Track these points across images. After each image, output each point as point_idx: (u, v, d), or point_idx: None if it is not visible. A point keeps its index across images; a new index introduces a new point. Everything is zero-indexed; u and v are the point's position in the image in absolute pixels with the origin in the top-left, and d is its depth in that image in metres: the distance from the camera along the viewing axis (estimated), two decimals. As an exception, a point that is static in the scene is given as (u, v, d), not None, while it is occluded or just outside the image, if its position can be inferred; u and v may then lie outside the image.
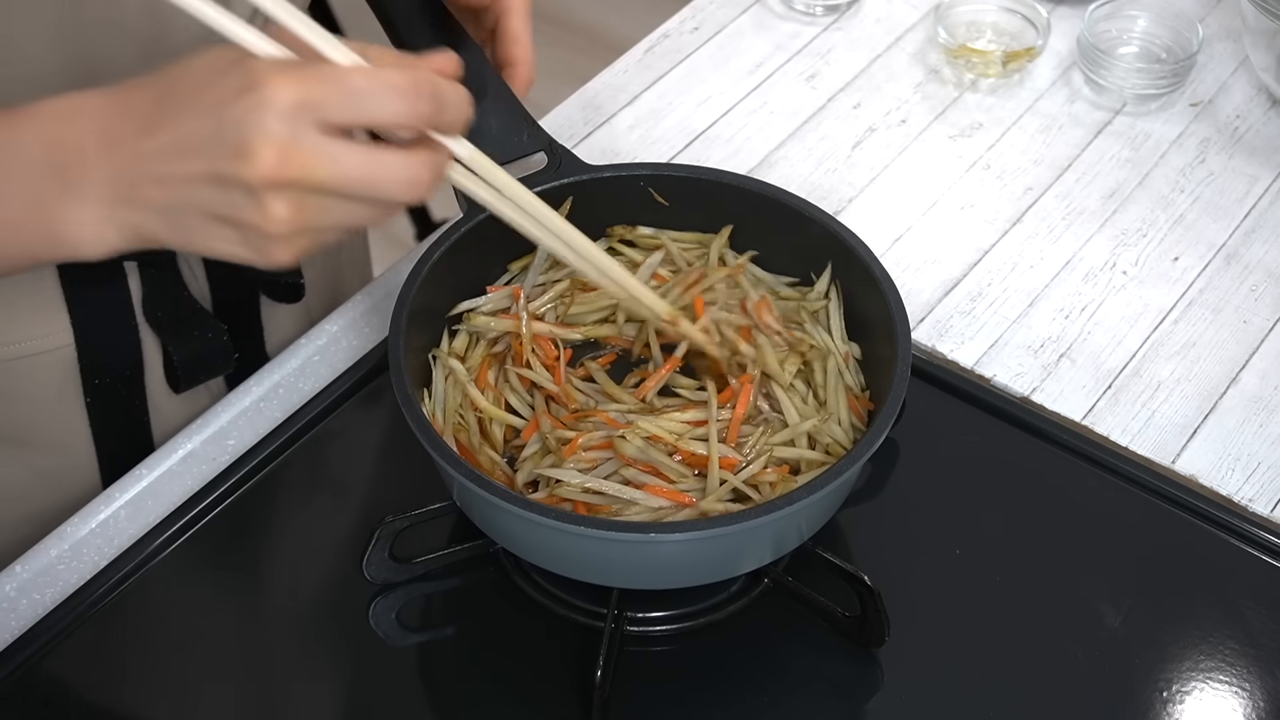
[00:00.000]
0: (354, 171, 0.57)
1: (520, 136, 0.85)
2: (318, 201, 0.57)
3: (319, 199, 0.57)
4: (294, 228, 0.58)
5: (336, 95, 0.56)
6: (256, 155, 0.55)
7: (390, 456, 0.89)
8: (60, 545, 0.83)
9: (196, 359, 0.89)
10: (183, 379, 0.89)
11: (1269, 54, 1.08)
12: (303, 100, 0.55)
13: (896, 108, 1.12)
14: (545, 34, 2.94)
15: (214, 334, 0.89)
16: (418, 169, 0.59)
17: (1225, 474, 0.87)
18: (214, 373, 0.91)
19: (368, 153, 0.57)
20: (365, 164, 0.57)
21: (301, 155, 0.56)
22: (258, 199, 0.56)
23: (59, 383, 0.87)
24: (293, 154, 0.56)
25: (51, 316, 0.85)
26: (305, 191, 0.57)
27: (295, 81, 0.56)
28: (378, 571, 0.78)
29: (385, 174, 0.58)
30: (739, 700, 0.77)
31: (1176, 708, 0.76)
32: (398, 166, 0.58)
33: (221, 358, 0.90)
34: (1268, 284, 0.98)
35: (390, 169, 0.58)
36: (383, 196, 0.58)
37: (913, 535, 0.84)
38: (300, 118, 0.56)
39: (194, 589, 0.82)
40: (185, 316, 0.88)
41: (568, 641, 0.79)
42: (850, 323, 0.84)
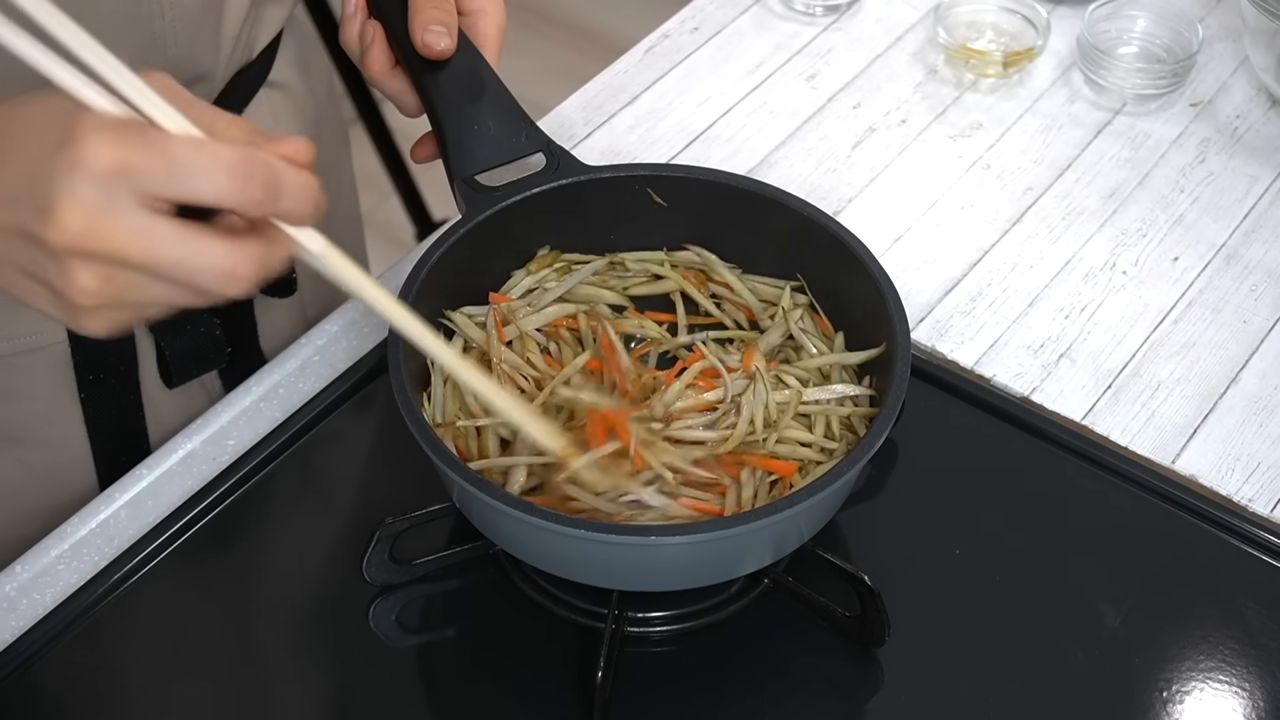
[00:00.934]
0: (166, 253, 0.52)
1: (518, 137, 0.85)
2: (127, 277, 0.53)
3: (129, 275, 0.53)
4: (101, 300, 0.53)
5: (159, 163, 0.51)
6: (61, 219, 0.51)
7: (390, 457, 0.89)
8: (60, 545, 0.83)
9: (189, 354, 0.89)
10: (175, 374, 0.89)
11: (1269, 54, 1.08)
12: (120, 165, 0.51)
13: (896, 108, 1.12)
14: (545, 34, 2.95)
15: (206, 328, 0.89)
16: (238, 261, 0.53)
17: (1225, 474, 0.87)
18: (207, 367, 0.91)
19: (185, 235, 0.52)
20: (179, 247, 0.52)
21: (110, 227, 0.51)
22: (61, 265, 0.52)
23: (53, 379, 0.87)
24: (100, 224, 0.51)
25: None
26: (113, 265, 0.52)
27: (115, 144, 0.51)
28: (378, 573, 0.78)
29: (200, 261, 0.53)
30: (739, 700, 0.77)
31: (1176, 708, 0.76)
32: (216, 255, 0.53)
33: (214, 352, 0.90)
34: (1268, 284, 0.98)
35: (207, 257, 0.53)
36: (198, 284, 0.53)
37: (913, 535, 0.84)
38: (115, 184, 0.51)
39: (194, 589, 0.82)
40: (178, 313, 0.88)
41: (568, 642, 0.79)
42: (850, 323, 0.84)
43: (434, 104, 0.84)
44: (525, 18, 2.60)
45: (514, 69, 0.92)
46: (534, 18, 2.65)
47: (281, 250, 0.55)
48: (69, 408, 0.88)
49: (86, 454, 0.90)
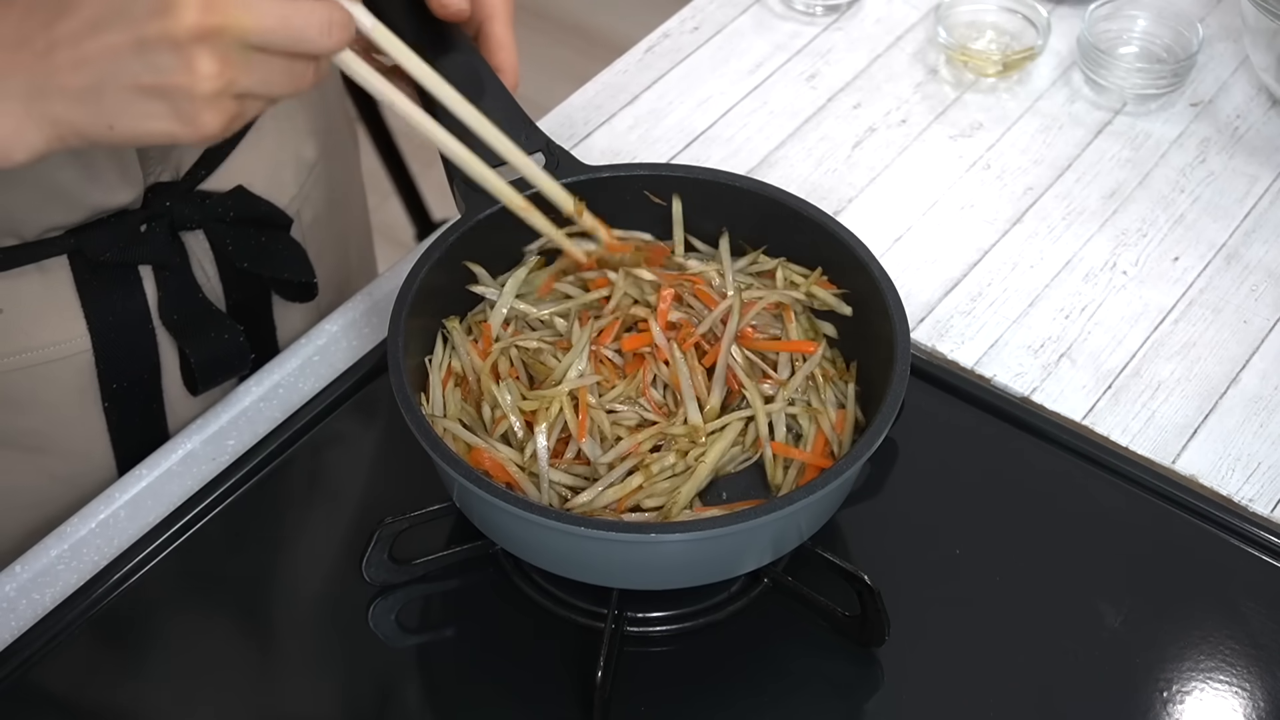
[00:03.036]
0: (272, 15, 0.58)
1: (518, 137, 0.84)
2: (241, 54, 0.58)
3: (242, 51, 0.58)
4: (222, 84, 0.58)
5: None
6: (180, 8, 0.56)
7: (390, 457, 0.89)
8: (60, 545, 0.83)
9: (213, 360, 0.89)
10: (200, 381, 0.89)
11: (1269, 54, 1.08)
12: None
13: (896, 108, 1.12)
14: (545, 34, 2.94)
15: (230, 335, 0.89)
16: (330, 11, 0.60)
17: (1225, 474, 0.87)
18: (231, 373, 0.91)
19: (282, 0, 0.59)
20: (281, 8, 0.58)
21: (222, 3, 0.57)
22: (184, 55, 0.57)
23: (77, 388, 0.87)
24: (214, 3, 0.57)
25: (68, 322, 0.85)
26: (229, 42, 0.57)
27: None
28: (377, 573, 0.78)
29: (302, 18, 0.59)
30: (739, 700, 0.77)
31: (1176, 708, 0.76)
32: (313, 10, 0.59)
33: (238, 359, 0.90)
34: (1268, 284, 0.98)
35: (306, 13, 0.59)
36: (302, 41, 0.59)
37: (913, 535, 0.84)
38: None
39: (194, 589, 0.82)
40: (201, 318, 0.88)
41: (568, 642, 0.79)
42: (849, 323, 0.84)
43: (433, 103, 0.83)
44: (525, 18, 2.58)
45: (514, 69, 0.91)
46: (534, 18, 2.65)
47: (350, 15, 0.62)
48: (92, 417, 0.88)
49: (110, 462, 0.90)
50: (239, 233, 0.89)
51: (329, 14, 0.60)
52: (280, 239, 0.92)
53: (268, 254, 0.91)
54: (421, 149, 0.97)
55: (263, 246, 0.91)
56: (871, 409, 0.80)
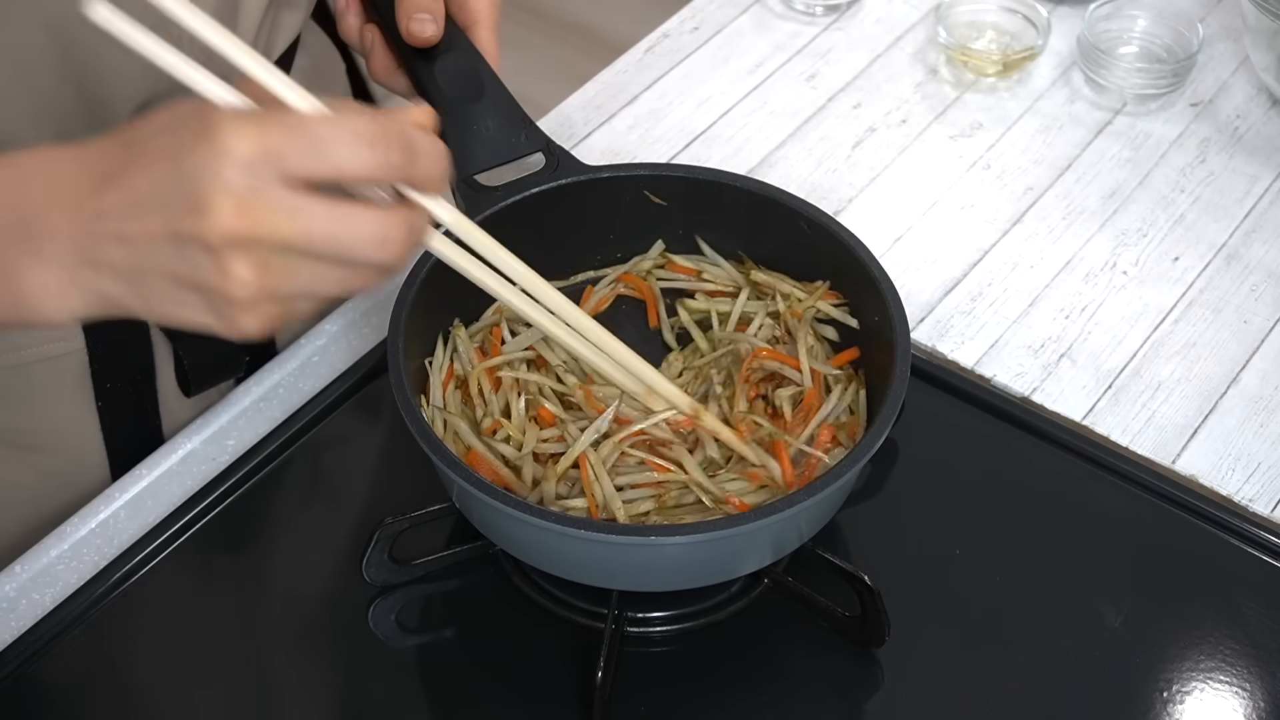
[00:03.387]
0: (318, 226, 0.53)
1: (518, 137, 0.85)
2: (283, 262, 0.54)
3: (284, 259, 0.53)
4: (258, 291, 0.54)
5: (299, 144, 0.52)
6: (214, 209, 0.52)
7: (389, 457, 0.89)
8: (60, 545, 0.83)
9: (207, 363, 0.89)
10: (193, 384, 0.89)
11: (1269, 54, 1.08)
12: (263, 149, 0.52)
13: (896, 108, 1.12)
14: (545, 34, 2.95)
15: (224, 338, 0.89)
16: (388, 225, 0.55)
17: (1225, 474, 0.87)
18: (225, 376, 0.91)
19: (333, 206, 0.54)
20: (330, 218, 0.53)
21: (262, 209, 0.52)
22: (217, 258, 0.53)
23: (70, 386, 0.87)
24: (252, 207, 0.52)
25: None
26: (268, 250, 0.53)
27: (254, 130, 0.52)
28: (377, 573, 0.78)
29: (352, 231, 0.54)
30: (739, 700, 0.77)
31: (1176, 708, 0.76)
32: (366, 222, 0.54)
33: (231, 361, 0.90)
34: (1268, 284, 0.98)
35: (357, 225, 0.54)
36: (351, 255, 0.54)
37: (913, 535, 0.84)
38: (260, 169, 0.52)
39: (193, 589, 0.82)
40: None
41: (568, 642, 0.79)
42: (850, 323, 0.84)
43: (433, 103, 0.84)
44: (525, 18, 2.60)
45: (514, 69, 0.91)
46: (534, 18, 2.65)
47: (423, 218, 0.57)
48: (86, 415, 0.88)
49: (103, 461, 0.90)
50: None
51: (385, 228, 0.55)
52: None
53: None
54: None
55: None
56: (872, 409, 0.80)
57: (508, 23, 0.88)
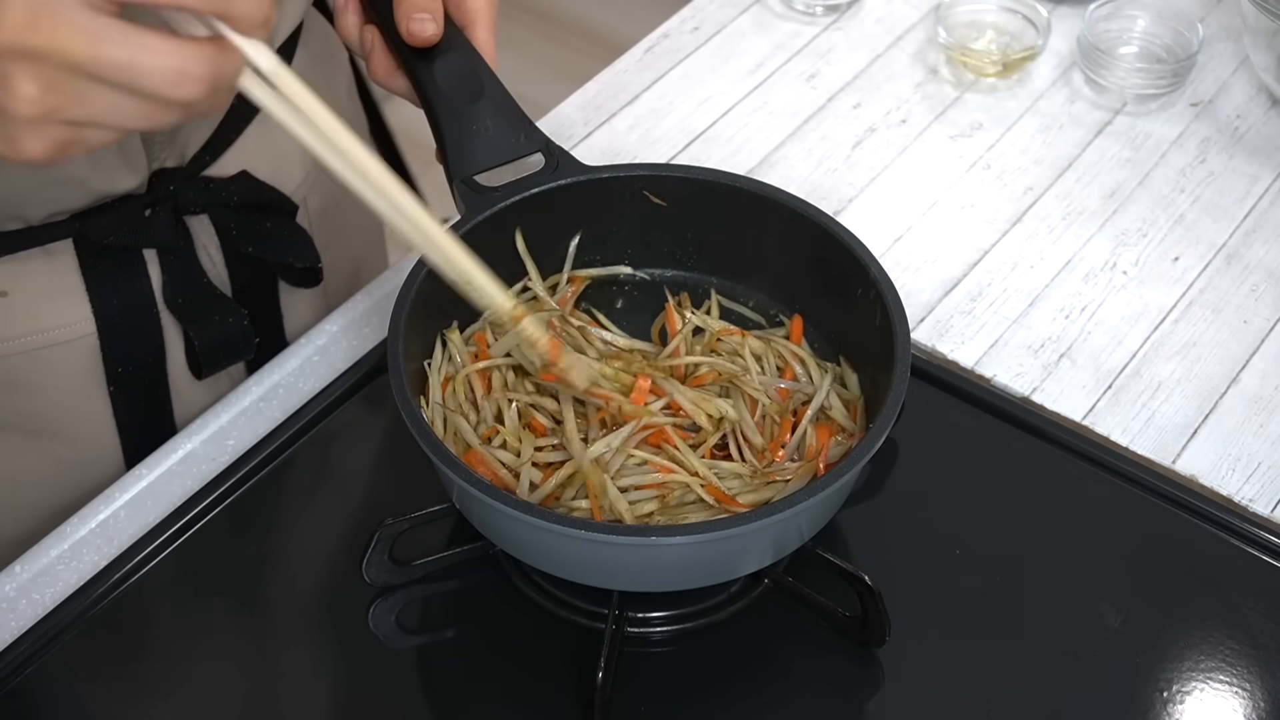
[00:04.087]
0: (113, 51, 0.50)
1: (517, 137, 0.85)
2: (74, 84, 0.51)
3: (75, 81, 0.50)
4: (42, 110, 0.51)
5: None
6: (3, 16, 0.49)
7: (390, 458, 0.89)
8: (60, 545, 0.83)
9: (218, 344, 0.89)
10: (204, 365, 0.90)
11: (1269, 54, 1.08)
12: None
13: (896, 108, 1.12)
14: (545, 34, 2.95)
15: (234, 319, 0.89)
16: (188, 59, 0.51)
17: (1225, 474, 0.87)
18: (236, 358, 0.91)
19: (131, 32, 0.50)
20: (126, 44, 0.50)
21: (55, 22, 0.49)
22: (2, 70, 0.50)
23: (82, 372, 0.87)
24: (45, 19, 0.49)
25: (73, 305, 0.85)
26: (58, 68, 0.50)
27: None
28: (377, 574, 0.78)
29: (149, 59, 0.51)
30: (739, 700, 0.77)
31: (1176, 708, 0.76)
32: (165, 52, 0.51)
33: (242, 343, 0.90)
34: (1268, 284, 0.98)
35: (155, 54, 0.51)
36: (145, 86, 0.51)
37: (913, 535, 0.84)
38: None
39: (193, 589, 0.82)
40: (205, 302, 0.88)
41: (568, 643, 0.79)
42: (849, 324, 0.84)
43: (432, 104, 0.84)
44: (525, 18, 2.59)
45: (514, 69, 0.92)
46: (534, 18, 2.65)
47: (233, 62, 0.53)
48: (97, 401, 0.88)
49: (115, 447, 0.90)
50: (243, 218, 0.89)
51: (185, 62, 0.51)
52: (285, 225, 0.92)
53: (272, 239, 0.91)
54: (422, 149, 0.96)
55: (267, 232, 0.91)
56: (872, 410, 0.80)
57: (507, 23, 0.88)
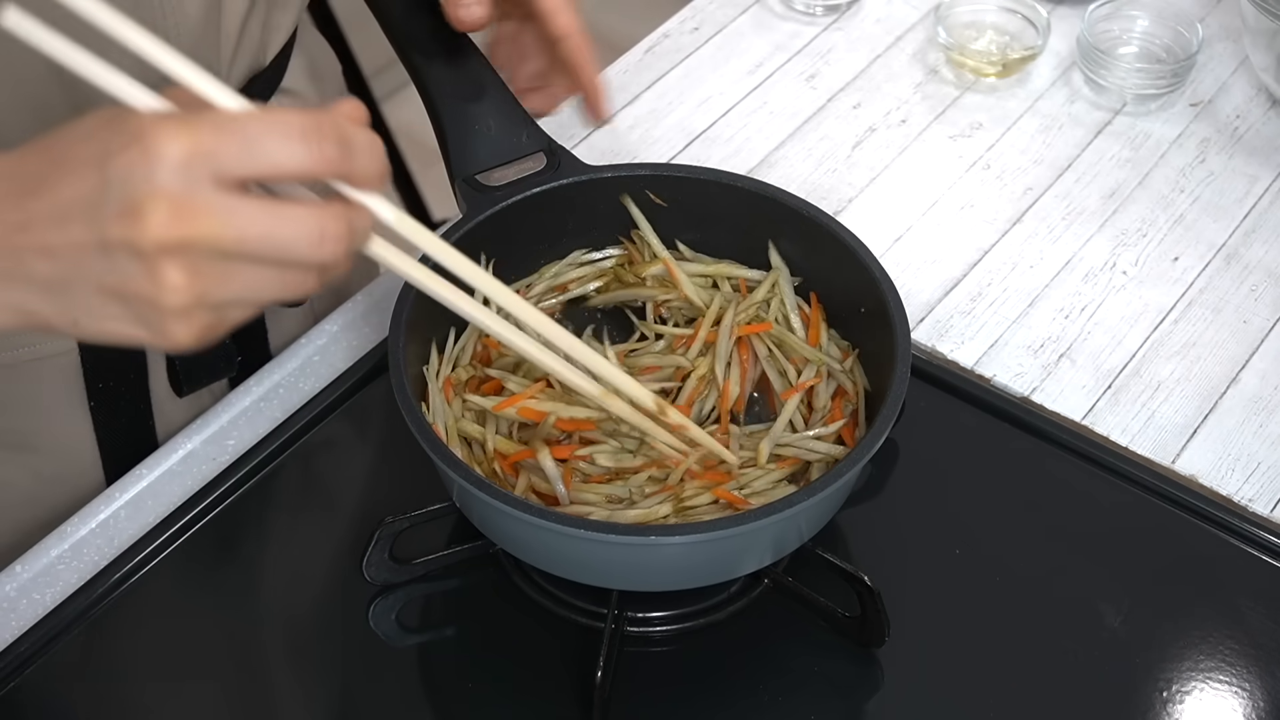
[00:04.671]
0: (254, 226, 0.51)
1: (519, 137, 0.85)
2: (217, 266, 0.52)
3: (218, 263, 0.51)
4: (191, 298, 0.52)
5: (231, 142, 0.51)
6: (145, 214, 0.50)
7: (390, 457, 0.89)
8: (60, 545, 0.83)
9: (198, 363, 0.89)
10: (185, 383, 0.89)
11: (1269, 54, 1.08)
12: (194, 150, 0.50)
13: (896, 108, 1.12)
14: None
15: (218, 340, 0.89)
16: (326, 221, 0.53)
17: (1225, 474, 0.87)
18: (216, 376, 0.91)
19: (268, 205, 0.52)
20: (265, 216, 0.51)
21: (196, 211, 0.50)
22: (149, 265, 0.51)
23: (63, 387, 0.87)
24: (186, 210, 0.50)
25: None
26: (203, 255, 0.51)
27: (184, 130, 0.50)
28: (377, 572, 0.78)
29: (288, 229, 0.52)
30: (739, 700, 0.77)
31: (1176, 708, 0.76)
32: (304, 219, 0.52)
33: (223, 361, 0.90)
34: (1268, 284, 0.98)
35: (294, 223, 0.52)
36: (288, 255, 0.52)
37: (913, 535, 0.84)
38: (193, 170, 0.50)
39: (194, 589, 0.82)
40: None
41: (568, 642, 0.79)
42: (850, 323, 0.84)
43: (435, 103, 0.84)
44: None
45: (514, 69, 0.92)
46: (534, 18, 2.64)
47: (363, 217, 0.54)
48: (79, 416, 0.88)
49: (96, 462, 0.90)
50: None
51: (322, 224, 0.52)
52: None
53: None
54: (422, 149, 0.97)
55: None
56: (872, 409, 0.80)
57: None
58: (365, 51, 1.74)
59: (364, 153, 0.54)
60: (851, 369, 0.82)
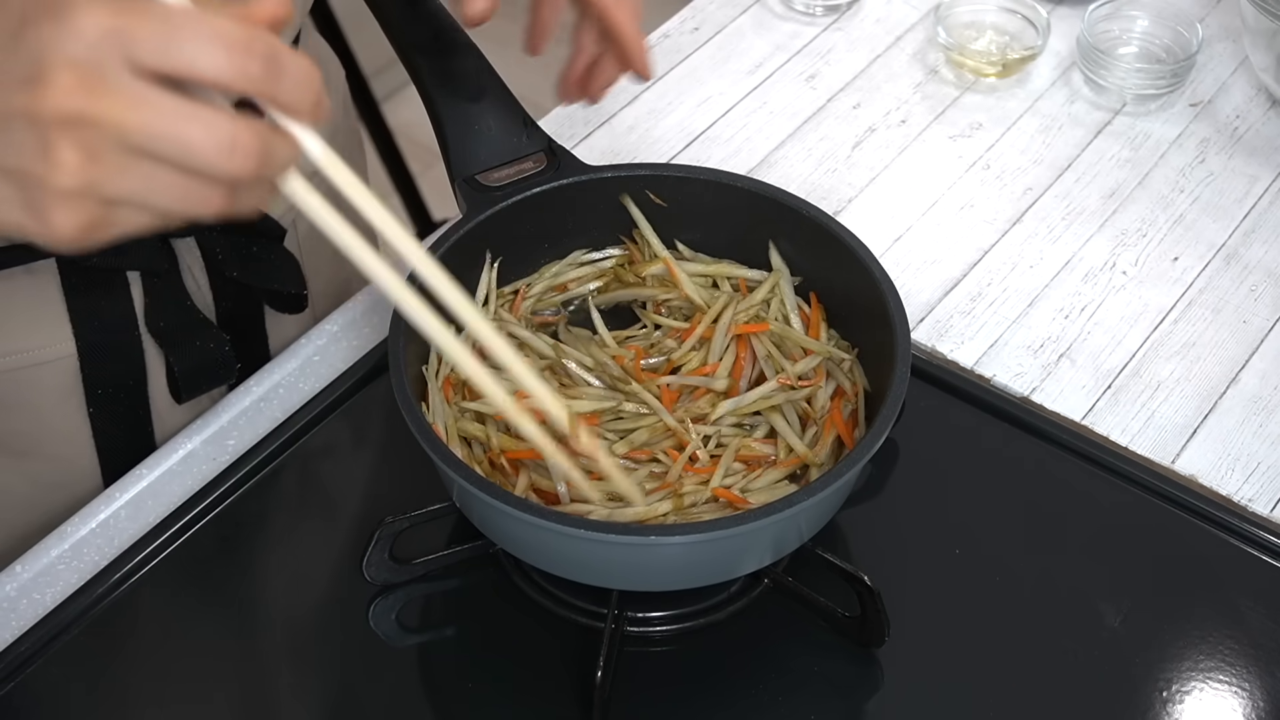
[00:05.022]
0: (161, 118, 0.48)
1: (519, 137, 0.85)
2: (114, 154, 0.49)
3: (116, 152, 0.49)
4: (82, 182, 0.49)
5: (155, 31, 0.48)
6: (50, 82, 0.47)
7: (390, 457, 0.89)
8: (60, 545, 0.83)
9: (198, 369, 0.89)
10: (183, 389, 0.89)
11: (1269, 54, 1.08)
12: (114, 28, 0.48)
13: (896, 108, 1.12)
14: (545, 34, 2.84)
15: (216, 344, 0.88)
16: (241, 131, 0.49)
17: (1225, 474, 0.87)
18: (216, 383, 0.91)
19: (180, 102, 0.49)
20: (175, 111, 0.48)
21: (102, 88, 0.48)
22: (43, 137, 0.48)
23: (62, 393, 0.87)
24: (91, 84, 0.47)
25: (54, 326, 0.84)
26: (101, 137, 0.48)
27: (108, 10, 0.48)
28: (377, 572, 0.78)
29: (198, 130, 0.49)
30: (739, 700, 0.77)
31: (1176, 708, 0.76)
32: (215, 121, 0.49)
33: (223, 368, 0.90)
34: (1267, 284, 0.98)
35: (205, 125, 0.49)
36: (193, 157, 0.49)
37: (913, 535, 0.84)
38: (109, 47, 0.48)
39: (193, 588, 0.82)
40: (187, 326, 0.88)
41: (568, 642, 0.79)
42: (850, 323, 0.84)
43: (435, 103, 0.84)
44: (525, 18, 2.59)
45: (514, 69, 0.92)
46: (534, 18, 2.64)
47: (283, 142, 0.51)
48: (77, 422, 0.88)
49: (95, 468, 0.90)
50: (230, 241, 0.89)
51: (235, 133, 0.49)
52: (272, 249, 0.92)
53: (258, 263, 0.90)
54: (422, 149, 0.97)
55: (254, 256, 0.90)
56: (872, 409, 0.80)
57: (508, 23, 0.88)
58: (365, 51, 1.74)
59: (293, 80, 0.51)
60: (851, 369, 0.82)
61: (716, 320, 0.84)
